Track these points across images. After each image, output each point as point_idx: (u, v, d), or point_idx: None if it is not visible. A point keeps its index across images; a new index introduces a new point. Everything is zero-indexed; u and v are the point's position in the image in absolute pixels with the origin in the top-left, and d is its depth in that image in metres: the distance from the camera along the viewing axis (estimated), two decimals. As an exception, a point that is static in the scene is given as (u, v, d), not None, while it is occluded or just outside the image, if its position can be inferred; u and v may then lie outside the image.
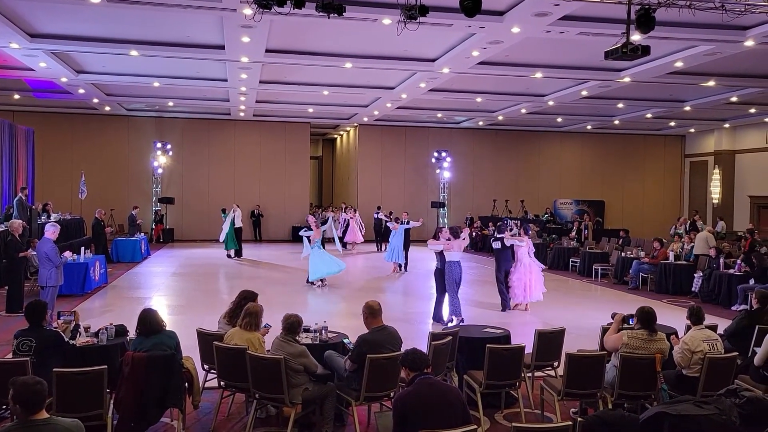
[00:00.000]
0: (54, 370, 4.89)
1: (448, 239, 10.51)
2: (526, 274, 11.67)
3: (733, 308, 11.95)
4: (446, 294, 10.51)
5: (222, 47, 14.06)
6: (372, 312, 5.74)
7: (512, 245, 11.70)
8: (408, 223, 17.51)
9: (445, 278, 10.39)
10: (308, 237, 14.03)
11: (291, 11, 8.15)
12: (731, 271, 12.87)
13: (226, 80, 17.67)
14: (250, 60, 14.88)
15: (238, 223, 19.66)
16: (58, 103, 22.24)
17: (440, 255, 10.60)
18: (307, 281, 14.10)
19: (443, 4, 10.48)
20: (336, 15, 8.30)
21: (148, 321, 5.52)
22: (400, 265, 17.21)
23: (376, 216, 24.13)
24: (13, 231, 10.74)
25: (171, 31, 13.45)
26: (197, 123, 25.39)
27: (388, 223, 18.02)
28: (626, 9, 8.91)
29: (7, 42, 13.47)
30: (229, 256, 19.46)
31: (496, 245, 11.79)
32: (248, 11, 10.28)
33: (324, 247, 14.10)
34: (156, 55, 14.65)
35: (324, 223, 15.56)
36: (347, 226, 23.08)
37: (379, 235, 23.38)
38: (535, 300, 11.82)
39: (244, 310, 5.99)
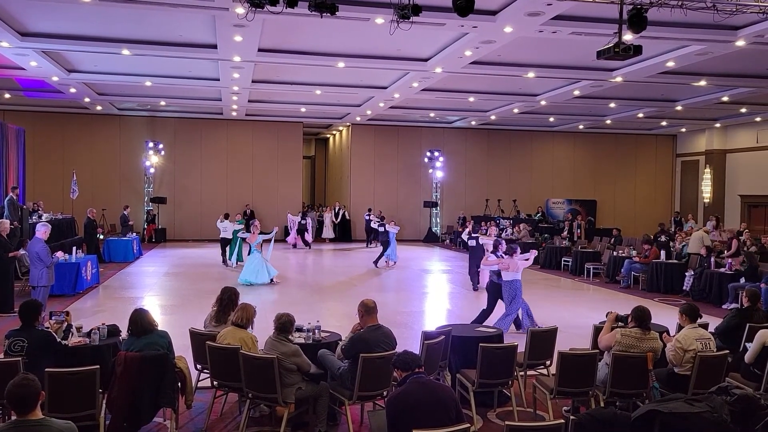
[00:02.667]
0: (46, 370, 4.86)
1: (501, 256, 10.06)
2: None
3: (724, 306, 12.03)
4: (505, 307, 9.88)
5: (214, 46, 14.02)
6: (367, 310, 5.74)
7: (482, 243, 13.63)
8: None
9: (503, 296, 9.80)
10: (244, 239, 15.05)
11: (283, 10, 8.14)
12: (722, 269, 12.95)
13: (218, 79, 17.61)
14: (243, 59, 14.84)
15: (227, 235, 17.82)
16: (49, 102, 22.11)
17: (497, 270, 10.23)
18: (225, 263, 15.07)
19: (436, 3, 10.49)
20: (329, 14, 8.30)
21: (140, 321, 5.49)
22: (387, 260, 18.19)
23: (366, 217, 24.72)
24: (2, 231, 10.66)
25: (163, 30, 13.40)
26: (189, 122, 25.30)
27: (387, 227, 18.23)
28: (618, 9, 8.95)
29: (-3, 41, 13.39)
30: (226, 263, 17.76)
31: (471, 243, 14.09)
32: (240, 10, 10.25)
33: (263, 254, 14.58)
34: (148, 54, 14.58)
35: (267, 233, 15.60)
36: (303, 229, 23.65)
37: (369, 234, 24.53)
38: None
39: (239, 305, 6.03)
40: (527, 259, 10.11)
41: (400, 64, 15.56)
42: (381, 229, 18.85)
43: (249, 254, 14.61)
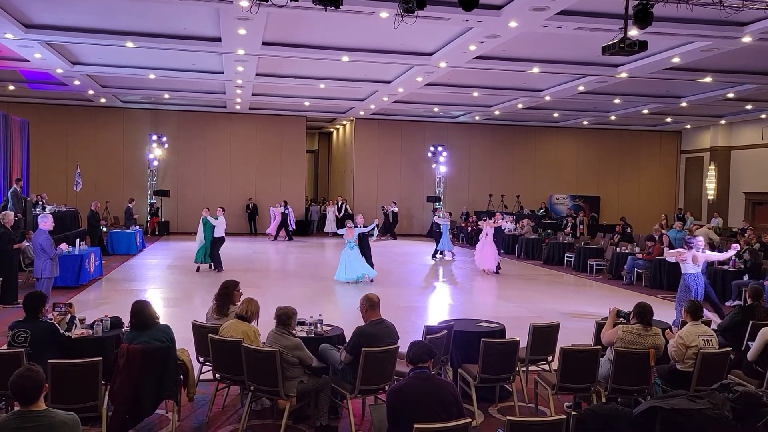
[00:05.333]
0: (49, 361, 4.88)
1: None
2: (484, 247, 15.91)
3: (727, 304, 11.99)
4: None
5: (218, 39, 14.00)
6: (372, 304, 5.75)
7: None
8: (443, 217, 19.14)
9: (679, 289, 9.75)
10: (341, 235, 14.42)
11: (288, 3, 8.13)
12: (725, 267, 12.91)
13: (222, 73, 17.61)
14: (247, 52, 14.82)
15: (221, 233, 15.19)
16: (53, 95, 22.13)
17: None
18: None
19: (441, -3, 10.47)
20: (333, 8, 8.27)
21: (141, 313, 5.48)
22: (442, 253, 18.84)
23: (393, 209, 25.23)
24: (6, 223, 10.69)
25: (167, 23, 13.39)
26: (193, 115, 25.31)
27: (437, 219, 18.76)
28: (624, 4, 8.91)
29: (1, 32, 13.39)
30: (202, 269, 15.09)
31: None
32: (245, 3, 10.25)
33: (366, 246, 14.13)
34: (152, 47, 14.58)
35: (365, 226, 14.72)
36: (285, 221, 23.82)
37: (390, 228, 25.37)
38: (487, 268, 15.64)
39: (245, 299, 6.06)
40: (701, 250, 9.87)
41: (404, 59, 15.52)
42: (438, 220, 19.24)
43: (345, 249, 13.84)
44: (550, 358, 6.61)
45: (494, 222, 16.51)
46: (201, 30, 13.80)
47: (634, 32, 9.62)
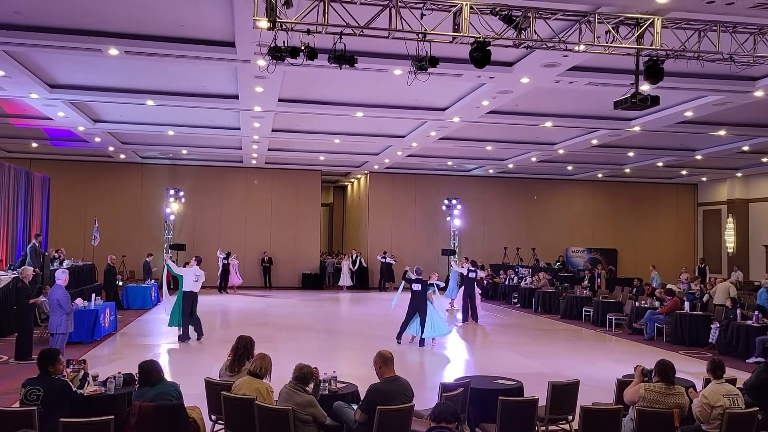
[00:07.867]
0: (60, 420, 4.83)
1: None
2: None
3: (750, 360, 11.67)
4: None
5: (236, 97, 14.32)
6: (385, 361, 5.67)
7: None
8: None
9: None
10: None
11: (304, 62, 8.32)
12: (749, 322, 12.61)
13: (239, 128, 17.94)
14: (263, 109, 15.13)
15: (190, 286, 13.90)
16: (74, 151, 22.61)
17: None
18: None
19: (453, 55, 10.64)
20: (348, 66, 8.45)
21: (149, 371, 5.48)
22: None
23: (382, 260, 25.32)
24: (24, 278, 10.79)
25: (186, 82, 13.74)
26: (210, 170, 25.68)
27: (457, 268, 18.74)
28: (635, 60, 9.02)
29: (27, 92, 13.81)
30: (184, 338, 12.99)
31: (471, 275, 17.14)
32: (262, 62, 10.52)
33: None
34: (171, 104, 14.93)
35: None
36: (226, 270, 23.54)
37: (384, 276, 25.57)
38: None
39: (257, 354, 5.99)
40: None
41: (417, 114, 15.74)
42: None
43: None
44: (570, 417, 6.43)
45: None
46: (219, 88, 14.14)
47: (645, 87, 9.70)
